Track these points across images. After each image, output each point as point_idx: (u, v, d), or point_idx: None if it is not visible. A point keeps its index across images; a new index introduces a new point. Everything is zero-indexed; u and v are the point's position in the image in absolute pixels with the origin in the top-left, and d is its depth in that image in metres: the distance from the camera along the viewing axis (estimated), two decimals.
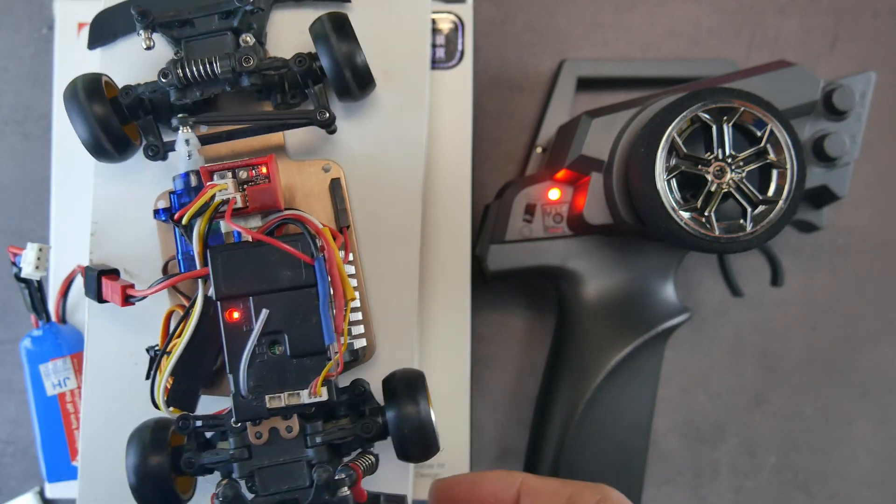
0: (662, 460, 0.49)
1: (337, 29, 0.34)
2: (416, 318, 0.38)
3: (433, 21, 0.43)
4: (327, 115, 0.35)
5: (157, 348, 0.34)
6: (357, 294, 0.35)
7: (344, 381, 0.34)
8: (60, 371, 0.43)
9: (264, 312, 0.31)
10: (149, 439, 0.32)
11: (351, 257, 0.36)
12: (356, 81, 0.35)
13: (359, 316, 0.36)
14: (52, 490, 0.44)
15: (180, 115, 0.34)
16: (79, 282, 0.43)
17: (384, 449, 0.34)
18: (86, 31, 0.45)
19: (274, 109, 0.36)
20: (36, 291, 0.42)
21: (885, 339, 0.49)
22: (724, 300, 0.49)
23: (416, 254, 0.38)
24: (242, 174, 0.33)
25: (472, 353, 0.44)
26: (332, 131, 0.36)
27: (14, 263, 0.40)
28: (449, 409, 0.43)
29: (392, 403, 0.33)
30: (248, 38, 0.35)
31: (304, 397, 0.31)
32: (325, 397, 0.31)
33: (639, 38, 0.49)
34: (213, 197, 0.32)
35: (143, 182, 0.37)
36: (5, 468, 0.48)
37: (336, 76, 0.34)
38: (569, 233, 0.42)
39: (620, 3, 0.49)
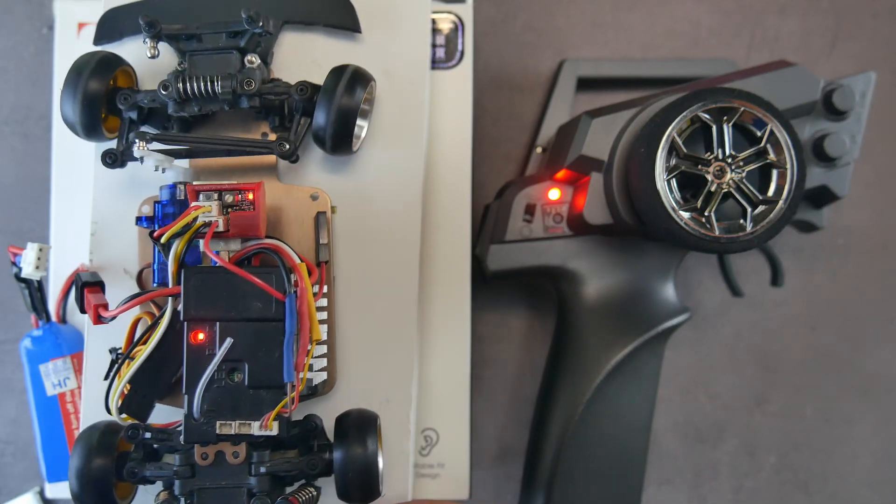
0: (662, 460, 0.49)
1: (350, 87, 0.34)
2: (416, 320, 0.38)
3: (433, 21, 0.43)
4: (286, 146, 0.35)
5: (119, 351, 0.34)
6: (325, 330, 0.36)
7: (300, 411, 0.34)
8: (60, 371, 0.43)
9: (228, 341, 0.31)
10: (96, 442, 0.33)
11: (325, 291, 0.36)
12: (333, 141, 0.35)
13: (323, 349, 0.36)
14: (52, 490, 0.44)
15: (138, 131, 0.34)
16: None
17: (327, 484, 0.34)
18: (86, 30, 0.45)
19: (270, 131, 0.36)
20: (36, 291, 0.42)
21: (885, 339, 0.49)
22: (724, 300, 0.49)
23: (417, 254, 0.38)
24: (228, 198, 0.33)
25: (472, 354, 0.44)
26: (293, 161, 0.36)
27: (14, 263, 0.40)
28: (449, 409, 0.43)
29: (341, 442, 0.33)
30: (253, 59, 0.35)
31: (255, 428, 0.32)
32: (275, 432, 0.32)
33: (639, 38, 0.49)
34: (195, 218, 0.32)
35: (144, 182, 0.37)
36: (5, 468, 0.48)
37: (319, 126, 0.34)
38: (569, 233, 0.42)
39: (620, 3, 0.49)
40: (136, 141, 0.34)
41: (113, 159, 0.35)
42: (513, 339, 0.49)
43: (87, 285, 0.35)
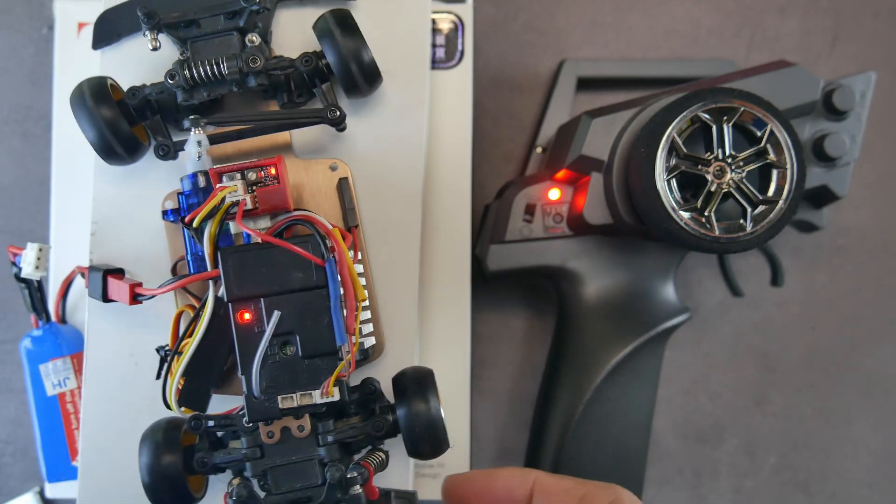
0: (662, 460, 0.49)
1: (341, 25, 0.34)
2: (417, 318, 0.38)
3: (433, 21, 0.43)
4: (338, 112, 0.35)
5: (167, 348, 0.34)
6: (366, 293, 0.35)
7: (354, 379, 0.34)
8: (60, 371, 0.43)
9: (276, 314, 0.31)
10: (161, 439, 0.33)
11: (360, 257, 0.36)
12: (363, 76, 0.35)
13: (368, 315, 0.36)
14: (52, 490, 0.44)
15: (192, 117, 0.34)
16: (78, 282, 0.43)
17: (391, 447, 0.34)
18: (86, 30, 0.45)
19: (280, 109, 0.36)
20: (36, 291, 0.42)
21: (885, 339, 0.49)
22: (724, 300, 0.49)
23: (417, 254, 0.38)
24: (251, 175, 0.33)
25: (472, 353, 0.44)
26: (342, 129, 0.36)
27: (14, 263, 0.40)
28: (449, 409, 0.43)
29: (402, 401, 0.33)
30: (253, 38, 0.35)
31: (317, 397, 0.32)
32: (336, 397, 0.32)
33: (639, 38, 0.49)
34: (223, 199, 0.32)
35: (144, 182, 0.37)
36: (5, 468, 0.48)
37: (343, 73, 0.34)
38: (569, 233, 0.42)
39: (620, 3, 0.49)
40: (193, 128, 0.34)
41: (166, 151, 0.35)
42: (513, 339, 0.49)
43: (109, 273, 0.35)
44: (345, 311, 0.32)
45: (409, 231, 0.38)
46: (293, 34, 0.38)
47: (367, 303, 0.36)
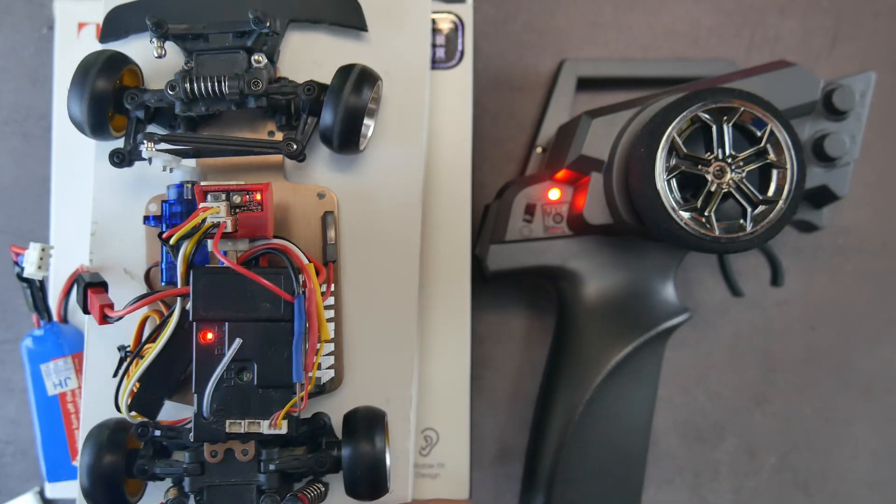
0: (662, 460, 0.49)
1: (357, 86, 0.34)
2: (416, 320, 0.38)
3: (433, 21, 0.43)
4: (294, 146, 0.35)
5: (128, 349, 0.34)
6: (332, 328, 0.36)
7: (308, 409, 0.34)
8: (61, 371, 0.43)
9: (237, 342, 0.32)
10: (106, 439, 0.33)
11: (332, 290, 0.36)
12: (340, 142, 0.35)
13: (331, 348, 0.36)
14: (52, 490, 0.44)
15: (146, 132, 0.34)
16: None
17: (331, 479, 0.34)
18: (86, 30, 0.45)
19: (277, 130, 0.37)
20: (38, 291, 0.42)
21: (885, 339, 0.49)
22: (724, 300, 0.49)
23: (417, 254, 0.38)
24: (236, 198, 0.33)
25: (472, 354, 0.44)
26: (300, 160, 0.36)
27: (16, 263, 0.40)
28: (449, 409, 0.43)
29: (350, 440, 0.33)
30: (259, 59, 0.35)
31: (265, 427, 0.32)
32: (284, 431, 0.32)
33: (639, 38, 0.49)
34: (203, 220, 0.32)
35: (144, 182, 0.37)
36: (5, 468, 0.48)
37: (326, 128, 0.34)
38: (569, 233, 0.42)
39: (620, 3, 0.49)
40: (145, 142, 0.34)
41: (121, 159, 0.35)
42: (513, 339, 0.49)
43: (90, 286, 0.35)
44: (306, 347, 0.32)
45: (410, 231, 0.38)
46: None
47: (332, 335, 0.36)
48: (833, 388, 0.49)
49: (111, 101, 0.34)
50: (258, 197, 0.33)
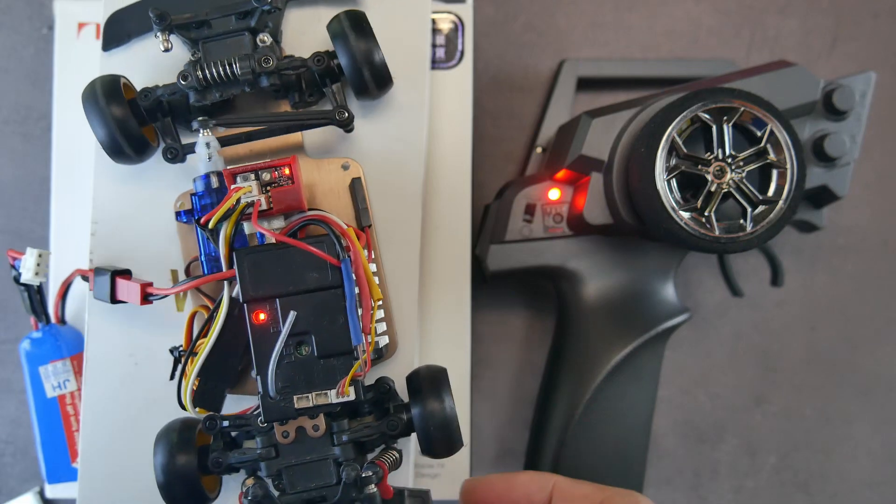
0: (662, 460, 0.49)
1: (355, 27, 0.34)
2: (417, 319, 0.38)
3: (433, 21, 0.43)
4: (346, 114, 0.35)
5: (181, 349, 0.34)
6: (380, 293, 0.36)
7: (367, 379, 0.34)
8: (60, 373, 0.43)
9: (292, 314, 0.32)
10: (176, 439, 0.33)
11: (373, 256, 0.36)
12: (374, 79, 0.35)
13: (382, 314, 0.36)
14: (52, 490, 0.44)
15: (201, 118, 0.34)
16: (78, 283, 0.43)
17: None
18: (86, 30, 0.45)
19: (291, 108, 0.36)
20: (35, 294, 0.42)
21: (885, 339, 0.49)
22: (724, 300, 0.49)
23: (417, 254, 0.38)
24: (265, 176, 0.33)
25: (472, 353, 0.44)
26: (349, 130, 0.36)
27: (13, 267, 0.40)
28: None
29: (417, 400, 0.33)
30: (265, 38, 0.35)
31: (332, 397, 0.32)
32: (352, 397, 0.32)
33: (639, 38, 0.49)
34: (238, 200, 0.32)
35: (144, 182, 0.37)
36: (5, 468, 0.48)
37: (354, 75, 0.34)
38: (569, 233, 0.42)
39: (620, 3, 0.49)
40: (202, 129, 0.34)
41: (174, 154, 0.35)
42: (513, 339, 0.49)
43: (118, 273, 0.35)
44: (360, 311, 0.32)
45: (410, 231, 0.38)
46: (303, 33, 0.38)
47: (381, 302, 0.36)
48: (833, 388, 0.49)
49: (133, 117, 0.34)
50: (287, 171, 0.33)
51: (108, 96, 0.34)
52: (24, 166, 0.48)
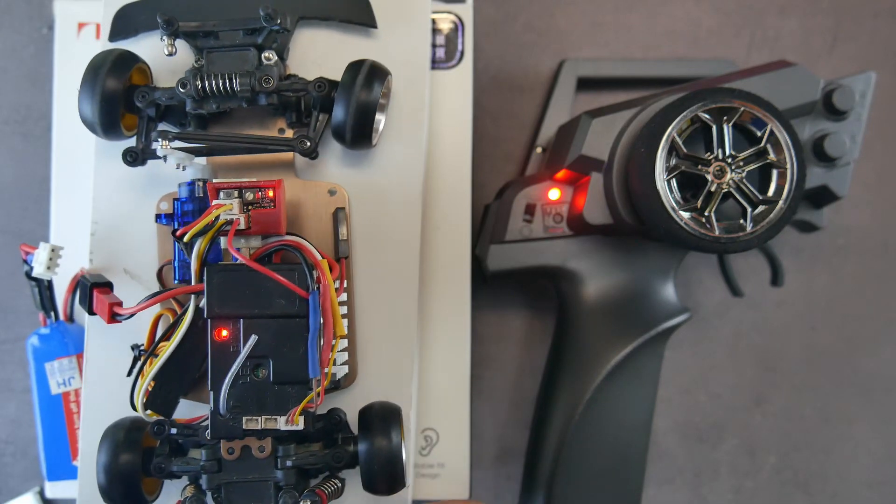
0: (662, 460, 0.49)
1: (368, 81, 0.34)
2: (416, 319, 0.38)
3: (433, 21, 0.43)
4: (307, 143, 0.35)
5: (142, 348, 0.34)
6: (346, 325, 0.36)
7: (323, 405, 0.34)
8: (66, 370, 0.43)
9: (253, 338, 0.32)
10: (122, 438, 0.33)
11: (345, 286, 0.36)
12: (353, 135, 0.35)
13: (345, 344, 0.36)
14: (53, 489, 0.44)
15: (161, 129, 0.34)
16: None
17: (347, 475, 0.34)
18: (86, 30, 0.45)
19: (287, 127, 0.37)
20: (46, 290, 0.42)
21: (885, 339, 0.49)
22: (724, 300, 0.49)
23: (417, 254, 0.38)
24: (249, 195, 0.33)
25: (472, 353, 0.44)
26: (313, 158, 0.36)
27: (25, 262, 0.40)
28: (449, 409, 0.43)
29: (366, 435, 0.33)
30: (270, 56, 0.35)
31: (281, 424, 0.32)
32: (301, 427, 0.32)
33: (639, 38, 0.49)
34: (216, 217, 0.32)
35: (144, 182, 0.37)
36: (5, 468, 0.48)
37: (339, 124, 0.34)
38: (569, 233, 0.42)
39: (620, 3, 0.49)
40: (159, 140, 0.34)
41: (134, 157, 0.35)
42: (513, 339, 0.49)
43: (96, 286, 0.35)
44: (321, 343, 0.32)
45: (410, 231, 0.38)
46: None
47: (346, 333, 0.36)
48: (833, 388, 0.49)
49: (122, 100, 0.34)
50: (270, 194, 0.33)
51: (115, 66, 0.34)
52: (24, 166, 0.48)
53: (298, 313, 0.32)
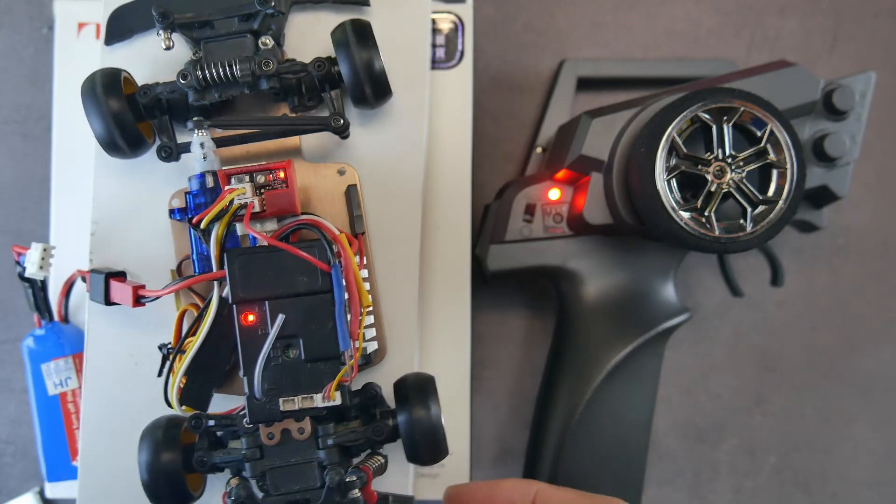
0: (662, 460, 0.49)
1: (358, 36, 0.34)
2: (417, 320, 0.38)
3: (433, 21, 0.43)
4: (342, 121, 0.35)
5: (169, 346, 0.34)
6: (370, 299, 0.36)
7: (355, 384, 0.34)
8: (62, 370, 0.43)
9: (280, 318, 0.32)
10: (161, 437, 0.33)
11: (365, 262, 0.36)
12: (373, 90, 0.35)
13: (371, 320, 0.36)
14: (52, 490, 0.44)
15: (196, 119, 0.34)
16: (79, 282, 0.43)
17: (389, 450, 0.34)
18: (86, 30, 0.45)
19: (290, 112, 0.37)
20: (39, 291, 0.42)
21: (885, 339, 0.49)
22: (724, 300, 0.49)
23: (417, 254, 0.38)
24: (260, 178, 0.33)
25: (472, 354, 0.44)
26: (345, 137, 0.36)
27: (18, 263, 0.40)
28: (449, 409, 0.43)
29: (403, 407, 0.33)
30: (267, 41, 0.35)
31: (318, 401, 0.32)
32: (338, 401, 0.32)
33: (639, 38, 0.49)
34: (231, 202, 0.32)
35: (144, 182, 0.37)
36: (5, 468, 0.48)
37: (353, 83, 0.34)
38: (569, 233, 0.42)
39: (620, 3, 0.49)
40: (196, 130, 0.34)
41: (168, 153, 0.35)
42: (513, 339, 0.49)
43: (112, 276, 0.35)
44: (349, 317, 0.32)
45: (410, 231, 0.38)
46: (306, 37, 0.38)
47: (370, 308, 0.36)
48: (833, 388, 0.49)
49: (130, 112, 0.34)
50: (281, 175, 0.33)
51: (107, 89, 0.34)
52: (24, 166, 0.48)
53: (322, 289, 0.32)
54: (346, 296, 0.32)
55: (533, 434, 0.44)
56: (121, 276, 0.36)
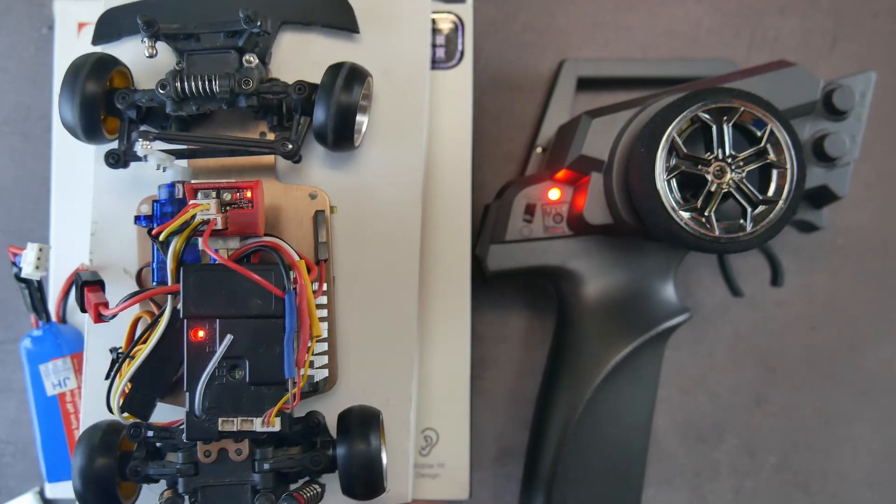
0: (662, 460, 0.49)
1: (348, 83, 0.34)
2: (416, 320, 0.38)
3: (433, 21, 0.43)
4: (289, 147, 0.35)
5: (120, 350, 0.34)
6: (325, 327, 0.36)
7: (302, 409, 0.34)
8: (60, 371, 0.43)
9: (228, 338, 0.31)
10: (98, 442, 0.33)
11: (325, 289, 0.36)
12: (335, 139, 0.35)
13: (324, 347, 0.36)
14: (52, 490, 0.44)
15: (142, 129, 0.34)
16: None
17: (330, 480, 0.34)
18: (86, 30, 0.45)
19: (269, 130, 0.36)
20: (36, 291, 0.42)
21: (885, 339, 0.49)
22: (724, 300, 0.49)
23: (417, 254, 0.38)
24: (227, 196, 0.33)
25: (472, 354, 0.44)
26: (296, 161, 0.36)
27: (14, 263, 0.40)
28: (449, 409, 0.43)
29: (344, 439, 0.33)
30: (251, 59, 0.35)
31: (258, 425, 0.32)
32: (277, 428, 0.32)
33: (639, 38, 0.49)
34: (193, 216, 0.32)
35: (144, 182, 0.37)
36: (5, 468, 0.48)
37: (320, 126, 0.34)
38: (569, 233, 0.42)
39: (620, 3, 0.49)
40: (139, 140, 0.34)
41: (116, 159, 0.35)
42: (513, 339, 0.49)
43: (87, 284, 0.35)
44: (297, 345, 0.32)
45: (410, 231, 0.38)
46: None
47: (325, 336, 0.36)
48: (833, 388, 0.49)
49: (102, 103, 0.34)
50: (249, 195, 0.33)
51: (93, 71, 0.34)
52: (24, 166, 0.48)
53: (275, 313, 0.32)
54: (298, 323, 0.32)
55: (533, 434, 0.44)
56: (97, 285, 0.36)
